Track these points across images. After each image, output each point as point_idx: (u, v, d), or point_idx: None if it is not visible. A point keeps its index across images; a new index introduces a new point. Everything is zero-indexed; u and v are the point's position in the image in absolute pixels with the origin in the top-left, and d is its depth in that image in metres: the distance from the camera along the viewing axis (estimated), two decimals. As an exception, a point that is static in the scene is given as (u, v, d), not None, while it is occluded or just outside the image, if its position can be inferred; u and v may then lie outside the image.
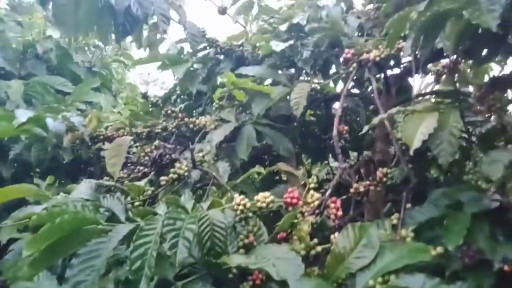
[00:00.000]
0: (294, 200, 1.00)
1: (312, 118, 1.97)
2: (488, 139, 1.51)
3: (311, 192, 1.05)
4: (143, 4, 1.10)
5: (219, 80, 1.42)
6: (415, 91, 1.75)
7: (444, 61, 1.83)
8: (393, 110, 1.01)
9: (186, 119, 1.59)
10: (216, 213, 0.89)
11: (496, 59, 1.23)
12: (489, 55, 1.03)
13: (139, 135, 1.70)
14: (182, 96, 2.00)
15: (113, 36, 1.24)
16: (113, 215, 0.88)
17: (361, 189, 1.23)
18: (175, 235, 0.77)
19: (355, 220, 1.26)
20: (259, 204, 0.98)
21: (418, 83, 2.25)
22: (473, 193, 1.13)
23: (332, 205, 1.02)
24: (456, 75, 1.99)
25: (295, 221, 1.03)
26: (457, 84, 1.46)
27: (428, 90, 1.86)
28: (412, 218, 1.08)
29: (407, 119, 0.95)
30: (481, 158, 0.95)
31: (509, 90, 1.20)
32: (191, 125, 1.54)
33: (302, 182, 1.36)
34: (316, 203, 1.03)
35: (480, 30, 0.93)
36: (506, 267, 0.84)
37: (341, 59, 1.21)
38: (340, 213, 1.00)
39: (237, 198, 0.96)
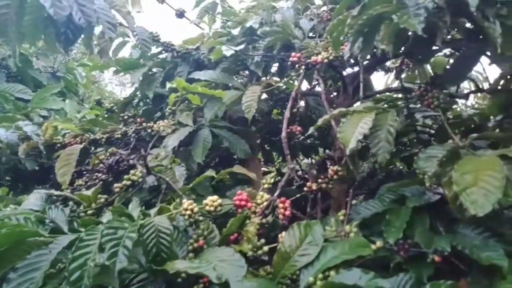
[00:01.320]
0: (243, 202, 1.02)
1: (280, 117, 2.00)
2: (442, 133, 1.59)
3: (261, 193, 1.08)
4: (86, 12, 1.09)
5: (168, 85, 1.42)
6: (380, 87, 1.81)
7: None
8: (336, 111, 1.04)
9: (144, 124, 1.59)
10: (161, 219, 0.90)
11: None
12: (425, 57, 1.08)
13: (98, 141, 1.69)
14: (144, 100, 1.99)
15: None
16: (57, 226, 0.88)
17: (314, 187, 1.27)
18: (115, 244, 0.78)
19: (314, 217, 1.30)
20: (207, 208, 0.99)
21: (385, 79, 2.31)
22: (417, 188, 1.19)
23: (281, 205, 1.04)
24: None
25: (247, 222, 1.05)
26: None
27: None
28: (359, 213, 1.12)
29: (346, 120, 0.98)
30: (417, 154, 0.99)
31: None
32: (149, 130, 1.54)
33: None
34: (265, 204, 1.05)
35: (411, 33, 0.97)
36: (436, 258, 0.89)
37: (289, 63, 1.24)
38: (288, 212, 1.03)
39: (185, 203, 0.97)
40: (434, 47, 1.12)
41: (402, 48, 1.16)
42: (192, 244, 0.97)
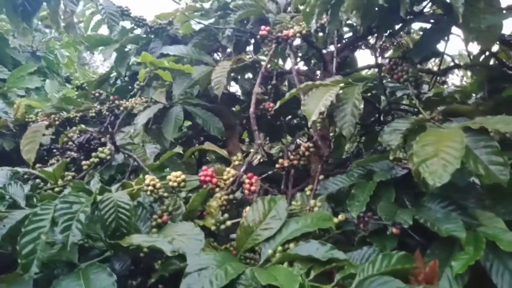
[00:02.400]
0: (208, 178, 1.01)
1: (265, 97, 1.98)
2: (428, 106, 1.59)
3: (227, 169, 1.07)
4: (43, -17, 1.05)
5: (133, 59, 1.39)
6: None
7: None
8: (302, 85, 1.03)
9: (117, 101, 1.56)
10: (121, 194, 0.89)
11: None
12: (393, 30, 1.06)
13: (72, 120, 1.66)
14: (120, 78, 1.95)
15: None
16: (15, 201, 0.87)
17: (286, 163, 1.26)
18: (69, 218, 0.77)
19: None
20: (170, 183, 0.98)
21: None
22: (387, 163, 1.19)
23: (247, 180, 1.04)
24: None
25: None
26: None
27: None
28: (326, 189, 1.12)
29: (311, 93, 0.97)
30: (383, 128, 0.99)
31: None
32: (121, 108, 1.51)
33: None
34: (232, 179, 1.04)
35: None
36: (394, 230, 0.89)
37: (258, 36, 1.21)
38: (254, 188, 1.02)
39: (147, 178, 0.96)
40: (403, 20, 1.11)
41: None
42: (156, 219, 0.97)
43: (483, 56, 1.75)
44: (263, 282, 0.69)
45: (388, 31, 1.13)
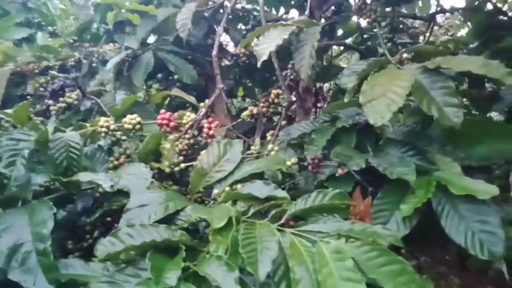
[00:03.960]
0: (165, 121, 1.00)
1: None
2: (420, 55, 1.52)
3: (187, 113, 1.06)
4: None
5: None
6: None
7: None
8: (262, 26, 0.98)
9: (90, 48, 1.54)
10: (72, 135, 0.89)
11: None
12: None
13: (51, 68, 1.65)
14: (103, 26, 1.91)
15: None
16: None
17: (255, 111, 1.25)
18: (13, 154, 0.78)
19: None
20: (125, 125, 0.98)
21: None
22: (356, 109, 1.16)
23: (206, 124, 1.03)
24: None
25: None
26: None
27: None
28: (289, 134, 1.11)
29: (267, 33, 0.93)
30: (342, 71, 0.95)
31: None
32: (96, 55, 1.49)
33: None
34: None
35: None
36: (339, 171, 0.88)
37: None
38: (212, 132, 1.01)
39: (101, 120, 0.96)
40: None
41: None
42: (113, 161, 0.98)
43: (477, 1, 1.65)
44: (194, 216, 0.70)
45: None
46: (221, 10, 1.95)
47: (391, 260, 0.57)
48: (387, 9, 1.25)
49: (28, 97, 1.44)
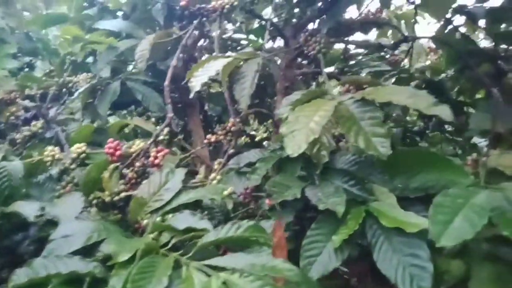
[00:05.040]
0: (111, 150, 1.03)
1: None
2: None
3: (137, 141, 1.08)
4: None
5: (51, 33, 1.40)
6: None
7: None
8: (199, 63, 1.00)
9: (68, 78, 1.60)
10: (16, 164, 0.92)
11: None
12: None
13: (33, 97, 1.71)
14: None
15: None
16: None
17: (213, 139, 1.26)
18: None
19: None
20: (72, 155, 1.01)
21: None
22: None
23: (153, 153, 1.04)
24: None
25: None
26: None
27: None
28: (238, 163, 1.11)
29: (206, 65, 0.95)
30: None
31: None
32: (70, 84, 1.54)
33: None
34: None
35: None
36: (267, 201, 0.88)
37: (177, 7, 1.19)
38: (157, 161, 1.03)
39: (48, 149, 0.99)
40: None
41: None
42: (59, 190, 1.00)
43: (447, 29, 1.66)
44: (105, 248, 0.71)
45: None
46: (203, 39, 2.02)
47: (281, 296, 0.57)
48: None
49: (1, 125, 1.50)
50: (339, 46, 1.89)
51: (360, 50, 2.17)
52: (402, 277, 0.77)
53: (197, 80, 0.89)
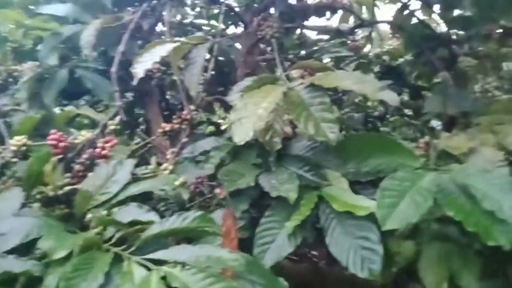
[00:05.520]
0: (54, 142, 0.97)
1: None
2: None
3: (83, 132, 1.03)
4: None
5: None
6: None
7: None
8: (144, 48, 0.96)
9: (12, 67, 1.50)
10: None
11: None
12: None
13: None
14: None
15: None
16: None
17: (167, 128, 1.22)
18: None
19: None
20: (11, 147, 0.94)
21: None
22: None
23: (100, 144, 1.00)
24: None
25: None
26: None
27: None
28: (192, 152, 1.09)
29: (150, 52, 0.90)
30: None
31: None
32: (15, 74, 1.45)
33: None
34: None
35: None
36: (217, 190, 0.86)
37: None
38: (105, 152, 0.98)
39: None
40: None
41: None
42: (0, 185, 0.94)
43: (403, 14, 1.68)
44: (42, 245, 0.67)
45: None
46: (160, 24, 1.95)
47: (224, 286, 0.55)
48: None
49: None
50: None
51: (324, 36, 2.18)
52: (354, 260, 0.78)
53: (141, 66, 0.85)
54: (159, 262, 0.60)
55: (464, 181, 0.72)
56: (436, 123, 1.88)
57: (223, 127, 2.24)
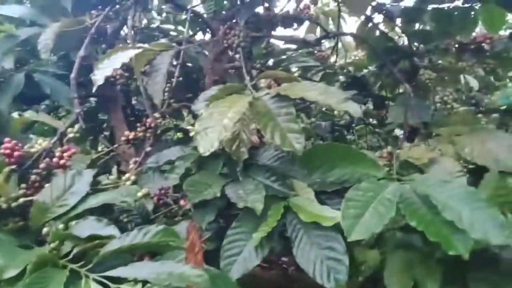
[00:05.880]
0: (7, 151, 0.91)
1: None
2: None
3: (39, 140, 0.97)
4: None
5: None
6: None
7: None
8: (106, 53, 0.93)
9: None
10: None
11: None
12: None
13: None
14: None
15: None
16: None
17: (131, 136, 1.18)
18: None
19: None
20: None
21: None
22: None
23: (58, 153, 0.94)
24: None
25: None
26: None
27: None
28: (157, 162, 1.05)
29: (111, 58, 0.87)
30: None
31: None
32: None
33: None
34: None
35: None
36: (182, 202, 0.84)
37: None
38: (63, 162, 0.93)
39: None
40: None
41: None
42: None
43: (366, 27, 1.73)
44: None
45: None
46: (125, 28, 1.90)
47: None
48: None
49: None
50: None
51: (293, 46, 2.21)
52: (320, 271, 0.78)
53: (101, 73, 0.82)
54: (118, 280, 0.57)
55: (425, 192, 0.73)
56: (399, 132, 1.95)
57: (191, 134, 2.20)
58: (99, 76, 0.81)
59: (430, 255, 0.81)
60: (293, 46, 2.22)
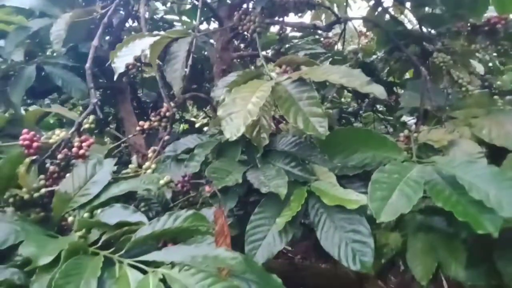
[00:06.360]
0: (26, 142, 0.91)
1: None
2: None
3: (57, 131, 0.97)
4: None
5: None
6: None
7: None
8: (123, 41, 0.92)
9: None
10: None
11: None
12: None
13: None
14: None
15: None
16: None
17: (146, 126, 1.18)
18: None
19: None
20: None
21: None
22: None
23: (76, 143, 0.94)
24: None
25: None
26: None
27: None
28: (175, 150, 1.05)
29: (129, 46, 0.86)
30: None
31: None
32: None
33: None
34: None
35: None
36: (206, 188, 0.84)
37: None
38: (82, 151, 0.93)
39: None
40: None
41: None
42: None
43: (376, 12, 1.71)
44: (24, 251, 0.62)
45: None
46: (131, 19, 1.88)
47: (226, 286, 0.53)
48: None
49: None
50: (274, 29, 1.87)
51: (297, 34, 2.19)
52: (345, 254, 0.78)
53: (121, 61, 0.81)
54: (153, 264, 0.57)
55: (451, 172, 0.73)
56: (407, 119, 1.94)
57: (197, 125, 2.20)
58: (119, 64, 0.80)
59: (455, 236, 0.81)
60: (298, 34, 2.21)
